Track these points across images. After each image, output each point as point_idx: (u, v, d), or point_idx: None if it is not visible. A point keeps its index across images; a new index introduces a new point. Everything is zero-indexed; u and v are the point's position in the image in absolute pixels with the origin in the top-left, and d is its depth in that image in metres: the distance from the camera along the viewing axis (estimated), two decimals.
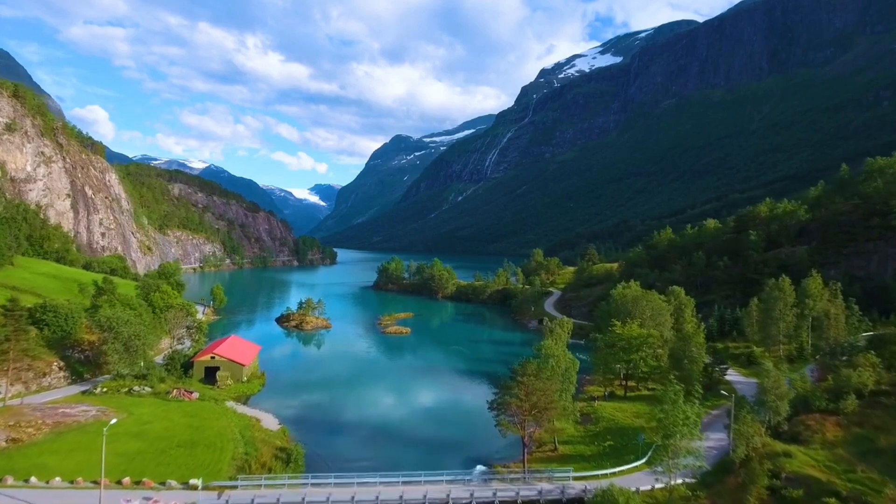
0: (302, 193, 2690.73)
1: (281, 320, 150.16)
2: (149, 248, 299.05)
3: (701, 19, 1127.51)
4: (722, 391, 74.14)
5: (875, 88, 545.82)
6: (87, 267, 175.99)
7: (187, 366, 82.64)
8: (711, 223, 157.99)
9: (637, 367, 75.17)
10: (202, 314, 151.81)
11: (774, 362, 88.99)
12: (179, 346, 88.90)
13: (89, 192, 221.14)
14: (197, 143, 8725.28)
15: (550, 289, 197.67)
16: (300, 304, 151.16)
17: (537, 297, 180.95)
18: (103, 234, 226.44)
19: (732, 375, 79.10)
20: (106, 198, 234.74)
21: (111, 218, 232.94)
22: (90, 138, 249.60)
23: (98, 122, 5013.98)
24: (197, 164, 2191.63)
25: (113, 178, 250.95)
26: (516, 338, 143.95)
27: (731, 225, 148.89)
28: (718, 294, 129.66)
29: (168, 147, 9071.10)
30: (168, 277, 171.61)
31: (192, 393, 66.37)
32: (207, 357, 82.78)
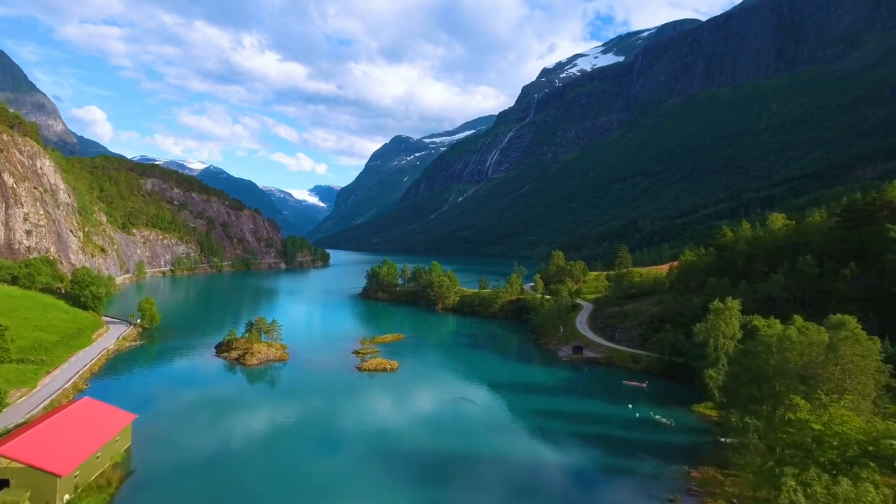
0: (301, 194, 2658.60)
1: (221, 349, 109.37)
2: (102, 250, 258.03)
3: (702, 18, 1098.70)
4: None
5: (889, 85, 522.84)
6: None
7: None
8: (818, 215, 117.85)
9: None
10: (114, 340, 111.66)
11: None
12: None
13: (10, 181, 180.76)
14: (195, 143, 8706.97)
15: (577, 300, 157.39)
16: (248, 325, 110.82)
17: (564, 312, 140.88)
18: (29, 232, 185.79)
19: None
20: (35, 188, 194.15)
21: (41, 213, 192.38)
22: (18, 117, 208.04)
23: (96, 122, 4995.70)
24: (196, 165, 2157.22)
25: (47, 164, 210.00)
26: (545, 376, 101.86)
27: (834, 218, 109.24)
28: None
29: (166, 148, 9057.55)
30: (83, 288, 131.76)
31: None
32: None
